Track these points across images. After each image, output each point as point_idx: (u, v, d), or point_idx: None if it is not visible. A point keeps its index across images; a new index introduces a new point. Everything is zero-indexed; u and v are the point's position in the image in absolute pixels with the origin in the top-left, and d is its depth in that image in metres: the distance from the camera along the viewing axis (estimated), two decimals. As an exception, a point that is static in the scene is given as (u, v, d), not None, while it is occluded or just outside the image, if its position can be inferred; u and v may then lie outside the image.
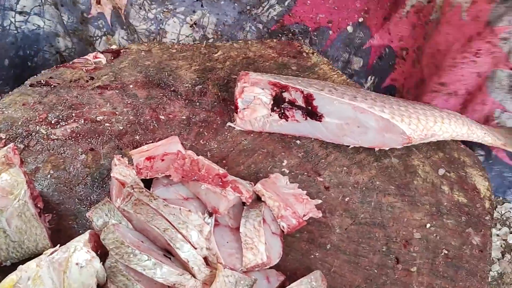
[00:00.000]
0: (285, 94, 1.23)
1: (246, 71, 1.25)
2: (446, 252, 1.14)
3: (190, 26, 1.55)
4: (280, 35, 1.58)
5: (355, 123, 1.22)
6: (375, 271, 1.10)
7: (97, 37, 1.59)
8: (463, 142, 1.32)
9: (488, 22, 1.27)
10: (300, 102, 1.23)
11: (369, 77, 1.70)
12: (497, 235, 1.34)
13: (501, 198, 1.47)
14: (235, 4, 1.52)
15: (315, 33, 1.59)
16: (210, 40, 1.55)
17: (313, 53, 1.45)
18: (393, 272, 1.11)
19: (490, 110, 1.40)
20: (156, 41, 1.52)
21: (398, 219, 1.17)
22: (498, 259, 1.28)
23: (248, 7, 1.52)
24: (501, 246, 1.31)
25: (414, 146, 1.27)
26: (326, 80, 1.38)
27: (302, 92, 1.22)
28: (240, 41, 1.47)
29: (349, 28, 1.58)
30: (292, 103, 1.23)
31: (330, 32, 1.60)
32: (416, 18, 1.52)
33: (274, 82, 1.22)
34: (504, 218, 1.36)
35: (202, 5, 1.53)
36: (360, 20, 1.58)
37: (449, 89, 1.43)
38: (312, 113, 1.23)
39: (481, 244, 1.16)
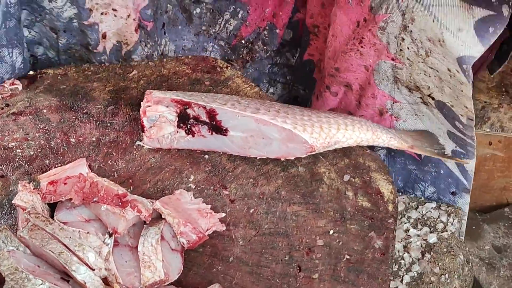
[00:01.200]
0: (189, 111, 1.26)
1: (150, 90, 1.28)
2: (348, 257, 1.17)
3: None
4: (242, 48, 1.62)
5: (259, 135, 1.24)
6: (277, 280, 1.13)
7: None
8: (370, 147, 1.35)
9: (371, 8, 1.30)
10: (204, 117, 1.25)
11: (297, 49, 1.74)
12: (418, 235, 1.37)
13: (412, 195, 1.50)
14: (189, 27, 1.54)
15: (265, 33, 1.63)
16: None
17: (227, 67, 1.47)
18: (295, 281, 1.13)
19: (381, 103, 1.43)
20: (72, 64, 1.54)
21: (302, 227, 1.20)
22: (418, 259, 1.31)
23: (203, 27, 1.55)
24: (422, 246, 1.33)
25: (320, 154, 1.30)
26: (239, 92, 1.41)
27: (204, 107, 1.24)
28: (156, 60, 1.50)
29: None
30: (197, 119, 1.26)
31: (277, 30, 1.63)
32: None
33: (176, 99, 1.25)
34: (425, 218, 1.38)
35: (165, 33, 1.56)
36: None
37: (341, 76, 1.46)
38: (216, 127, 1.26)
39: (383, 247, 1.19)
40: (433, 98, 1.36)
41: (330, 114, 1.32)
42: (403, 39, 1.30)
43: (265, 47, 1.70)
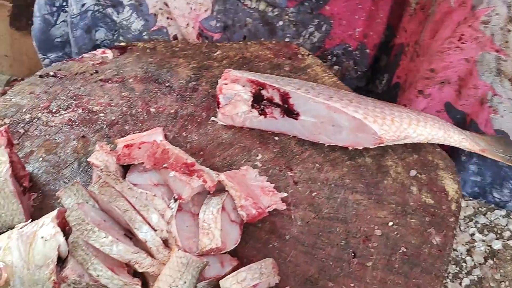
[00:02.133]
0: (264, 92, 1.29)
1: (229, 69, 1.32)
2: (404, 249, 1.18)
3: None
4: (325, 60, 1.65)
5: (330, 122, 1.27)
6: (331, 263, 1.15)
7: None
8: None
9: (472, 7, 1.29)
10: (278, 100, 1.29)
11: (384, 74, 1.74)
12: (483, 240, 1.36)
13: (500, 192, 1.47)
14: (272, 39, 1.59)
15: (357, 53, 1.65)
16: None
17: (308, 55, 1.50)
18: (348, 266, 1.15)
19: (483, 93, 1.41)
20: (161, 39, 1.60)
21: (361, 215, 1.21)
22: (480, 264, 1.30)
23: (286, 39, 1.59)
24: (485, 251, 1.32)
25: (389, 147, 1.31)
26: (317, 80, 1.43)
27: (278, 90, 1.28)
28: (241, 42, 1.54)
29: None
30: (270, 101, 1.30)
31: (368, 50, 1.64)
32: (421, 14, 1.56)
33: (252, 79, 1.29)
34: (493, 225, 1.37)
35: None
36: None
37: (439, 76, 1.45)
38: (288, 111, 1.29)
39: (441, 244, 1.19)
40: None
41: (403, 108, 1.33)
42: (509, 31, 1.29)
43: (355, 67, 1.70)
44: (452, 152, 1.48)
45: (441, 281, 1.15)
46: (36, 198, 1.23)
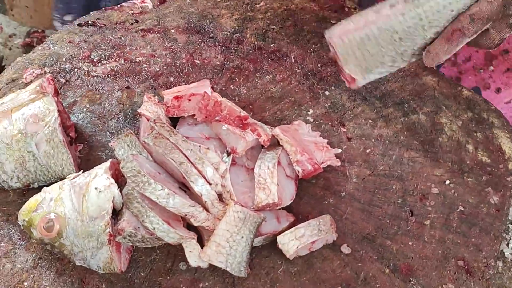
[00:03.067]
0: None
1: None
2: (462, 208, 1.15)
3: None
4: None
5: None
6: (388, 221, 1.12)
7: None
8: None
9: None
10: None
11: None
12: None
13: None
14: None
15: None
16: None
17: (355, 8, 1.45)
18: (406, 224, 1.12)
19: None
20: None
21: (418, 173, 1.18)
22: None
23: None
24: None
25: (443, 104, 1.27)
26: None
27: None
28: (284, -7, 1.50)
29: None
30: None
31: None
32: None
33: None
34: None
35: None
36: None
37: None
38: None
39: (499, 203, 1.16)
40: None
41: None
42: None
43: None
44: None
45: (500, 241, 1.13)
46: (82, 149, 1.19)
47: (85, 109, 1.25)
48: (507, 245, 1.22)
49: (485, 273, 1.08)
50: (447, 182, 1.17)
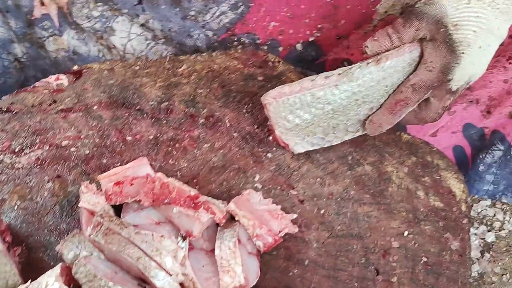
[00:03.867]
0: None
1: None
2: (425, 259, 1.13)
3: (140, 26, 1.50)
4: (229, 44, 1.53)
5: None
6: (355, 284, 1.09)
7: (45, 38, 1.54)
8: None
9: None
10: None
11: None
12: (475, 234, 1.33)
13: (510, 198, 1.47)
14: (177, 9, 1.47)
15: (265, 47, 1.55)
16: (161, 41, 1.49)
17: (279, 62, 1.42)
18: (374, 284, 1.09)
19: None
20: (119, 59, 1.48)
21: (375, 228, 1.16)
22: (478, 259, 1.27)
23: (192, 13, 1.47)
24: (480, 245, 1.30)
25: (386, 152, 1.26)
26: (294, 89, 1.36)
27: None
28: (204, 54, 1.44)
29: (298, 46, 1.54)
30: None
31: (280, 48, 1.56)
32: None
33: None
34: (481, 217, 1.35)
35: (143, 9, 1.48)
36: (311, 39, 1.54)
37: (473, 94, 1.42)
38: None
39: (460, 248, 1.15)
40: None
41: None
42: None
43: None
44: (469, 163, 1.47)
45: None
46: (21, 252, 1.09)
47: (16, 207, 1.15)
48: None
49: (461, 324, 1.07)
50: (406, 233, 1.16)
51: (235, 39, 1.50)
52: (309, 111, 1.16)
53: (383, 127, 1.16)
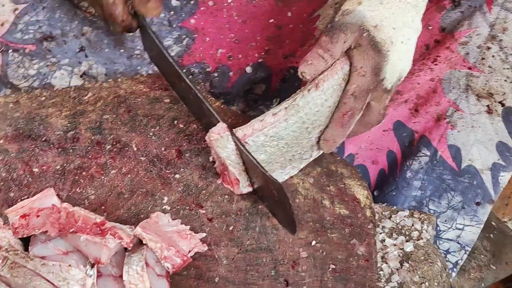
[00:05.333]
0: None
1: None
2: (333, 266, 1.16)
3: (80, 76, 1.50)
4: None
5: None
6: (266, 296, 1.11)
7: None
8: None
9: (442, 29, 1.31)
10: None
11: (274, 100, 1.71)
12: (394, 244, 1.36)
13: (436, 203, 1.51)
14: (121, 50, 1.48)
15: (216, 75, 1.58)
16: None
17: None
18: (284, 295, 1.12)
19: (442, 109, 1.46)
20: (22, 91, 1.48)
21: (284, 240, 1.18)
22: (397, 269, 1.30)
23: (137, 52, 1.49)
24: (399, 255, 1.33)
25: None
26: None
27: None
28: (110, 80, 1.45)
29: (248, 69, 1.58)
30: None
31: (231, 73, 1.59)
32: None
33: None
34: (400, 227, 1.38)
35: (86, 56, 1.49)
36: (260, 60, 1.58)
37: (403, 97, 1.47)
38: None
39: (367, 253, 1.19)
40: (503, 105, 1.41)
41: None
42: (489, 48, 1.35)
43: (211, 90, 1.64)
44: (397, 170, 1.52)
45: (375, 291, 1.15)
46: None
47: None
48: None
49: (369, 327, 1.10)
50: (313, 243, 1.19)
51: (184, 70, 1.52)
52: (264, 151, 1.18)
53: (337, 142, 1.20)
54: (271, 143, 1.17)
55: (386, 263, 1.30)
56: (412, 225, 1.37)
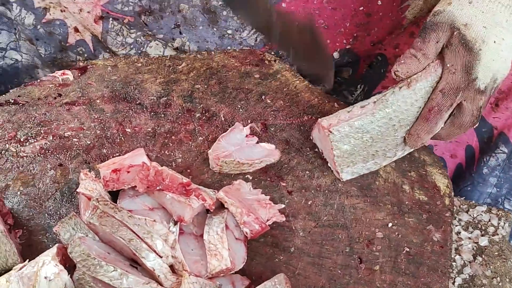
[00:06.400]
0: None
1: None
2: (408, 249, 1.18)
3: (174, 49, 1.56)
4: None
5: None
6: (339, 271, 1.14)
7: (79, 61, 1.62)
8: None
9: None
10: None
11: (359, 86, 1.73)
12: (469, 238, 1.35)
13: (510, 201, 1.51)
14: (214, 29, 1.53)
15: None
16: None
17: (275, 61, 1.48)
18: (356, 272, 1.14)
19: None
20: (122, 56, 1.54)
21: (361, 219, 1.20)
22: (470, 262, 1.30)
23: (229, 31, 1.54)
24: (473, 249, 1.32)
25: (375, 148, 1.31)
26: (289, 85, 1.41)
27: None
28: (204, 52, 1.50)
29: (335, 54, 1.60)
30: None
31: None
32: (415, 27, 1.57)
33: None
34: (476, 221, 1.38)
35: (180, 32, 1.54)
36: (348, 47, 1.60)
37: None
38: None
39: (442, 240, 1.20)
40: None
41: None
42: None
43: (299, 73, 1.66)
44: (474, 165, 1.53)
45: (448, 277, 1.16)
46: (22, 235, 1.15)
47: (19, 193, 1.21)
48: (453, 283, 1.26)
49: (438, 311, 1.12)
50: (390, 224, 1.20)
51: (273, 53, 1.56)
52: (348, 141, 1.21)
53: (422, 138, 1.21)
54: (355, 135, 1.19)
55: (460, 255, 1.29)
56: (489, 220, 1.36)
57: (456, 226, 1.36)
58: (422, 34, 1.14)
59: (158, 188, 1.12)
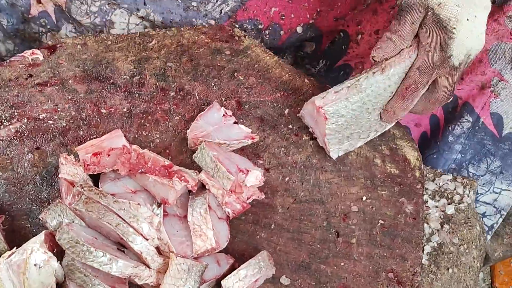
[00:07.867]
0: None
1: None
2: (382, 222, 1.22)
3: (139, 17, 1.55)
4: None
5: None
6: (318, 245, 1.18)
7: (42, 34, 1.60)
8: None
9: (493, 2, 1.35)
10: None
11: (321, 61, 1.76)
12: (436, 206, 1.40)
13: (476, 166, 1.56)
14: (179, 1, 1.53)
15: (267, 32, 1.62)
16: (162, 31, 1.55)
17: (244, 36, 1.49)
18: (335, 246, 1.18)
19: (487, 79, 1.49)
20: (90, 33, 1.54)
21: (336, 194, 1.25)
22: (437, 230, 1.35)
23: (194, 4, 1.54)
24: (440, 217, 1.37)
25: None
26: (259, 62, 1.43)
27: None
28: (173, 29, 1.50)
29: (299, 29, 1.62)
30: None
31: (282, 32, 1.63)
32: (378, 5, 1.59)
33: None
34: (442, 190, 1.42)
35: (144, 3, 1.54)
36: (311, 21, 1.62)
37: None
38: None
39: (414, 212, 1.25)
40: None
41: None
42: None
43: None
44: (440, 134, 1.58)
45: (422, 248, 1.21)
46: (4, 220, 1.16)
47: (-2, 178, 1.22)
48: (423, 251, 1.31)
49: (413, 281, 1.17)
50: (364, 198, 1.25)
51: (237, 26, 1.57)
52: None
53: (397, 114, 1.24)
54: (331, 119, 1.22)
55: (428, 223, 1.35)
56: (455, 189, 1.41)
57: (424, 195, 1.41)
58: (397, 17, 1.17)
59: (140, 171, 1.14)
